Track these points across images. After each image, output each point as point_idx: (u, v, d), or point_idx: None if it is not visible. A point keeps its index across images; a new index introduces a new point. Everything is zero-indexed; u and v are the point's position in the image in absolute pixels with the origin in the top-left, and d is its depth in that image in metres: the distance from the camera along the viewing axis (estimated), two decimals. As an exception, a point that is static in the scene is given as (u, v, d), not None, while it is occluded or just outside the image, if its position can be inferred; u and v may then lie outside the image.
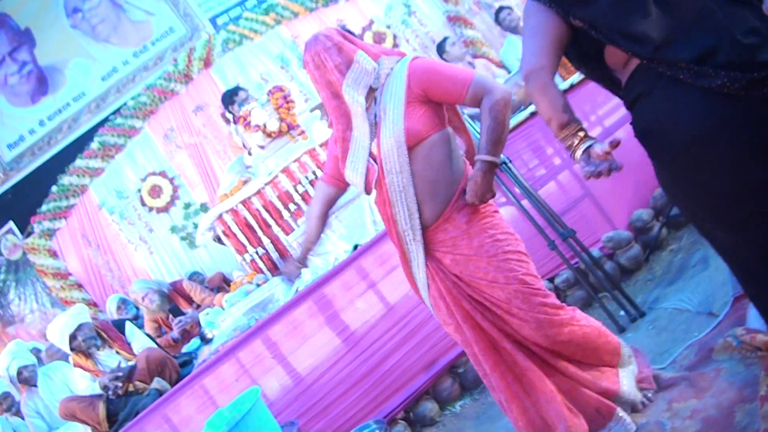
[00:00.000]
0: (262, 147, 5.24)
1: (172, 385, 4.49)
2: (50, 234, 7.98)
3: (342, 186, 2.92)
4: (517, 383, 2.61)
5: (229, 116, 6.03)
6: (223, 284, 6.69)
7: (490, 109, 2.43)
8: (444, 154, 2.54)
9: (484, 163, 2.47)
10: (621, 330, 3.71)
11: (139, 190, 7.96)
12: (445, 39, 6.97)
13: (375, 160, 2.61)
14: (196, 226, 7.64)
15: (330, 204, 2.99)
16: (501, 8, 6.94)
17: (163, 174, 7.98)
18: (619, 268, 4.25)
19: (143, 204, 7.93)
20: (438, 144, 2.54)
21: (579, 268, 4.01)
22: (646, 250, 4.28)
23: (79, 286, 7.90)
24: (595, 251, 4.16)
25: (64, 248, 8.00)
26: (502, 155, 3.94)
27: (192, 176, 7.95)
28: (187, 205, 7.88)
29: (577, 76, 4.59)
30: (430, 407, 4.14)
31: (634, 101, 1.98)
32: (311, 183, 5.03)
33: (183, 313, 5.90)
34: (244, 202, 5.11)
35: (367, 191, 2.73)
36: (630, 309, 3.78)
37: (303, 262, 3.08)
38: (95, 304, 7.68)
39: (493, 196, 2.54)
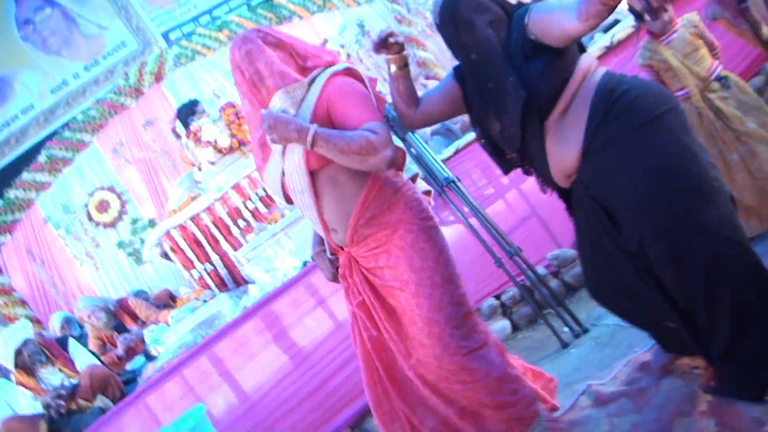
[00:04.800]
0: (212, 163, 5.21)
1: (116, 403, 4.41)
2: (-7, 248, 7.82)
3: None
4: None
5: (180, 131, 5.97)
6: (169, 301, 6.60)
7: (364, 138, 2.31)
8: (354, 174, 2.43)
9: (306, 126, 2.29)
10: (564, 345, 3.76)
11: (86, 205, 7.84)
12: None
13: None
14: (143, 241, 7.54)
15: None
16: None
17: (111, 189, 7.89)
18: (563, 285, 4.32)
19: (90, 219, 7.82)
20: (345, 168, 2.42)
21: (525, 286, 4.05)
22: (590, 268, 4.35)
23: (23, 302, 7.74)
24: (541, 269, 4.22)
25: (9, 263, 7.84)
26: (448, 173, 4.02)
27: (140, 191, 7.87)
28: (135, 221, 7.79)
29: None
30: (375, 424, 4.13)
31: None
32: (261, 200, 5.02)
33: (128, 330, 5.81)
34: (193, 218, 5.07)
35: (287, 202, 2.67)
36: (573, 326, 3.84)
37: None
38: (39, 321, 7.51)
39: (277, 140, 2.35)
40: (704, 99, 3.33)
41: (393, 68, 2.53)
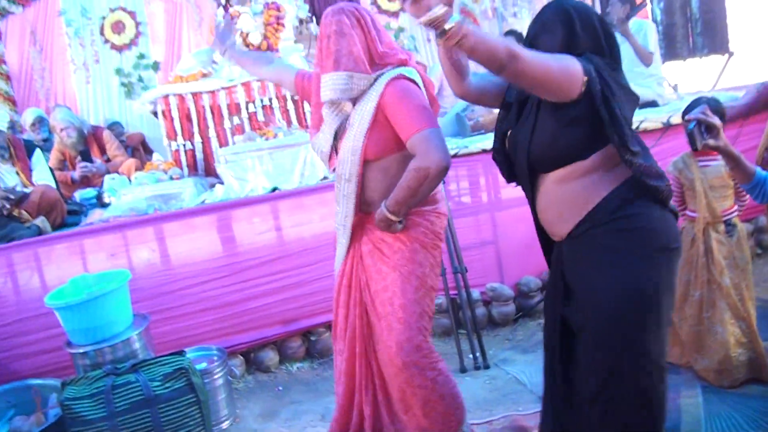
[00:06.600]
0: (235, 53, 5.21)
1: (54, 228, 4.54)
2: (2, 14, 7.70)
3: (297, 90, 2.99)
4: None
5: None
6: (139, 146, 6.67)
7: (411, 171, 2.46)
8: (402, 170, 2.55)
9: (382, 212, 2.55)
10: (463, 370, 4.03)
11: (104, 18, 7.71)
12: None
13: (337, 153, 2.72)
14: (140, 79, 7.52)
15: (281, 77, 3.08)
16: (506, 34, 6.84)
17: (132, 14, 7.74)
18: (488, 317, 4.56)
19: (101, 33, 7.71)
20: (399, 161, 2.59)
21: (455, 300, 4.28)
22: (518, 313, 4.59)
23: (8, 77, 7.68)
24: (476, 293, 4.45)
25: (9, 35, 7.72)
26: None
27: (159, 31, 7.73)
28: (141, 56, 7.68)
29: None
30: (271, 356, 4.40)
31: None
32: (263, 108, 5.08)
33: (91, 160, 5.89)
34: (194, 94, 5.11)
35: (329, 169, 2.86)
36: (479, 357, 4.09)
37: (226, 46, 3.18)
38: (14, 102, 7.52)
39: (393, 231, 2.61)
40: (705, 232, 3.42)
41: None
